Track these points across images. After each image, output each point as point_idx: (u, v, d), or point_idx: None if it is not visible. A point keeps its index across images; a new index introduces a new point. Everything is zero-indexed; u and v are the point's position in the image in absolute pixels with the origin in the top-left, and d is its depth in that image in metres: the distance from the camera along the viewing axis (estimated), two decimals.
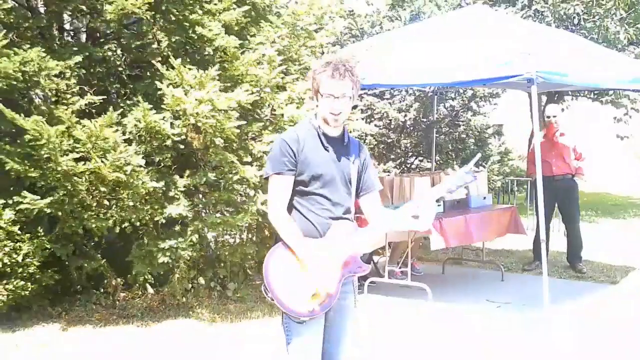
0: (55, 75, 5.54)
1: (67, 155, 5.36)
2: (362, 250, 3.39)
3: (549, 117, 8.41)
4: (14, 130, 5.51)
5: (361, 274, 3.45)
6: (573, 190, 8.36)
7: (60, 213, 5.57)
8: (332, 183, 3.30)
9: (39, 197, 5.40)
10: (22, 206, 5.36)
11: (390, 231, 6.02)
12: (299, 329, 3.22)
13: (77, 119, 5.53)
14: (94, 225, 5.64)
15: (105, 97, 5.95)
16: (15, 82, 5.32)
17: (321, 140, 3.30)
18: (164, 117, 5.70)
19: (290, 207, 3.30)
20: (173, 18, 6.08)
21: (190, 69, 5.80)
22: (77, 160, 5.41)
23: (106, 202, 5.69)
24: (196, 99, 5.56)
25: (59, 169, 5.33)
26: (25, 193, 5.37)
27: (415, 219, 3.33)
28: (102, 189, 5.56)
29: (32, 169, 5.35)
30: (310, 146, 3.27)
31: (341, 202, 3.33)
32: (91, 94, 5.79)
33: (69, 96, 5.70)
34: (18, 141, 5.44)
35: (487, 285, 7.70)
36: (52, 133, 5.25)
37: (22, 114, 5.31)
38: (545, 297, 6.29)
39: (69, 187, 5.46)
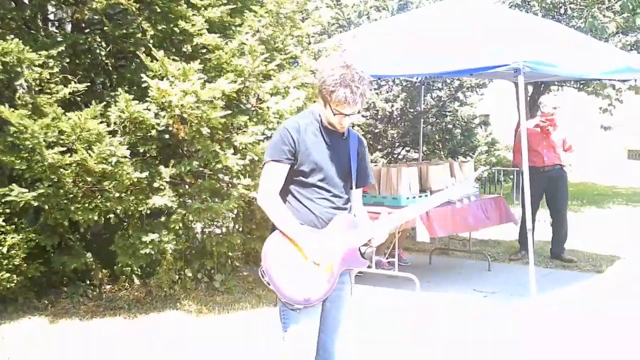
0: (39, 65, 5.48)
1: (52, 148, 5.32)
2: (360, 243, 3.39)
3: (555, 108, 8.38)
4: None
5: (360, 268, 3.46)
6: (563, 180, 8.38)
7: (46, 205, 5.53)
8: (331, 175, 3.31)
9: (26, 190, 5.35)
10: (8, 198, 5.31)
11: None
12: (296, 317, 3.23)
13: (63, 111, 5.48)
14: (80, 217, 5.60)
15: (89, 84, 5.89)
16: None
17: (322, 133, 3.31)
18: (147, 108, 5.66)
19: (288, 196, 3.31)
20: (158, 10, 6.03)
21: (174, 59, 5.76)
22: (63, 152, 5.36)
23: (91, 193, 5.65)
24: (181, 91, 5.53)
25: (45, 162, 5.29)
26: (13, 186, 5.34)
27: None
28: (89, 179, 5.53)
29: (18, 161, 5.31)
30: (311, 137, 3.27)
31: (340, 194, 3.35)
32: (75, 82, 5.73)
33: (52, 85, 5.65)
34: (3, 130, 5.38)
35: (474, 275, 7.74)
36: (37, 128, 5.20)
37: (7, 104, 5.26)
38: (532, 286, 6.34)
39: (55, 179, 5.42)
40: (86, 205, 5.62)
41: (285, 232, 3.22)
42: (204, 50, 6.25)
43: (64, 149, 5.38)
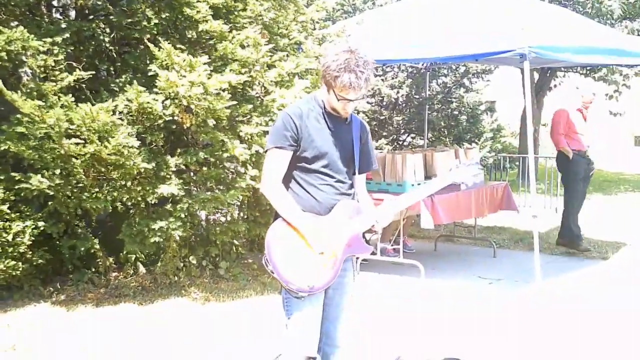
0: (43, 52, 5.48)
1: (68, 138, 5.33)
2: (364, 229, 3.39)
3: (594, 94, 8.35)
4: (2, 108, 5.45)
5: (364, 254, 3.45)
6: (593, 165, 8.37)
7: (58, 194, 5.54)
8: (335, 161, 3.29)
9: (45, 179, 5.36)
10: (22, 185, 5.34)
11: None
12: (299, 304, 3.23)
13: (74, 99, 5.48)
14: (90, 206, 5.62)
15: (94, 72, 5.89)
16: (0, 62, 5.28)
17: (325, 119, 3.29)
18: (155, 98, 5.66)
19: (291, 182, 3.29)
20: None
21: (180, 48, 5.75)
22: (77, 143, 5.38)
23: (99, 182, 5.66)
24: (189, 82, 5.53)
25: (59, 151, 5.31)
26: (31, 175, 5.36)
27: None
28: (100, 168, 5.54)
29: (29, 151, 5.31)
30: (313, 123, 3.26)
31: (344, 179, 3.33)
32: (80, 70, 5.72)
33: (57, 73, 5.64)
34: (9, 120, 5.38)
35: (479, 261, 7.73)
36: (51, 118, 5.20)
37: (18, 92, 5.27)
38: (537, 273, 6.33)
39: (68, 168, 5.44)
40: (95, 194, 5.64)
41: (289, 220, 3.21)
42: (208, 37, 6.23)
43: (80, 140, 5.39)
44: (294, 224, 3.20)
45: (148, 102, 5.62)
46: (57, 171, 5.44)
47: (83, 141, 5.40)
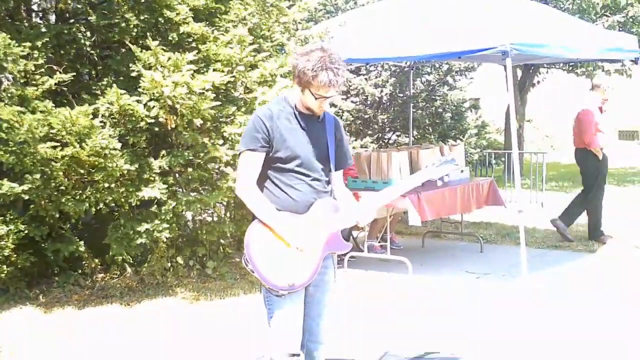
0: (23, 57, 5.45)
1: (44, 142, 5.31)
2: (342, 227, 3.39)
3: (609, 87, 8.41)
4: None
5: (343, 252, 3.46)
6: None
7: (36, 198, 5.52)
8: (309, 160, 3.28)
9: (16, 185, 5.34)
10: None
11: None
12: (280, 303, 3.23)
13: (53, 105, 5.46)
14: (70, 208, 5.60)
15: (75, 75, 5.87)
16: None
17: (297, 119, 3.29)
18: (138, 100, 5.65)
19: (266, 182, 3.29)
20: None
21: (163, 49, 5.74)
22: (54, 146, 5.36)
23: (81, 184, 5.64)
24: (173, 82, 5.52)
25: (37, 156, 5.29)
26: (3, 181, 5.34)
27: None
28: (80, 170, 5.52)
29: (7, 155, 5.29)
30: (285, 124, 3.25)
31: (320, 177, 3.32)
32: (61, 73, 5.70)
33: (37, 77, 5.62)
34: None
35: (467, 257, 7.76)
36: (28, 123, 5.19)
37: None
38: (523, 267, 6.36)
39: (47, 172, 5.42)
40: (76, 196, 5.63)
41: (265, 222, 3.20)
42: (190, 39, 6.23)
43: (57, 143, 5.36)
44: (270, 225, 3.20)
45: (129, 105, 5.62)
46: (37, 175, 5.42)
47: (60, 144, 5.37)
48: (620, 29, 13.00)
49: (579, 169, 8.51)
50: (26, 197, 5.47)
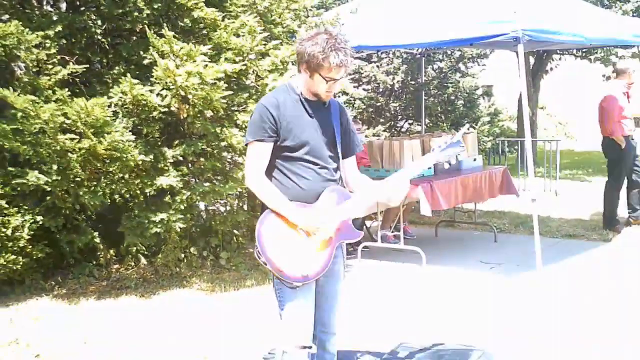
0: (35, 46, 5.44)
1: (63, 133, 5.30)
2: (354, 215, 3.36)
3: (634, 71, 8.31)
4: None
5: (354, 240, 3.43)
6: None
7: (55, 189, 5.52)
8: (317, 147, 3.25)
9: (41, 175, 5.34)
10: (19, 180, 5.32)
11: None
12: (291, 295, 3.20)
13: (69, 93, 5.45)
14: (87, 200, 5.60)
15: (87, 66, 5.85)
16: None
17: (304, 106, 3.25)
18: (151, 90, 5.63)
19: (275, 171, 3.25)
20: None
21: (176, 37, 5.71)
22: (72, 138, 5.35)
23: (97, 176, 5.65)
24: (185, 72, 5.50)
25: (55, 147, 5.29)
26: (28, 170, 5.34)
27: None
28: (96, 163, 5.52)
29: (24, 146, 5.29)
30: (291, 111, 3.21)
31: (327, 165, 3.29)
32: (73, 63, 5.69)
33: (50, 66, 5.61)
34: (4, 115, 5.35)
35: (480, 246, 7.73)
36: (44, 113, 5.17)
37: (10, 87, 5.25)
38: (537, 257, 6.32)
39: (64, 163, 5.42)
40: (92, 188, 5.62)
41: (277, 211, 3.17)
42: (202, 26, 6.19)
43: (75, 136, 5.36)
44: (282, 213, 3.17)
45: (142, 94, 5.60)
46: (54, 166, 5.42)
47: (78, 136, 5.37)
48: (634, 16, 12.86)
49: (593, 157, 8.43)
50: (48, 189, 5.46)
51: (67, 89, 5.49)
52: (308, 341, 3.27)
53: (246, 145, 3.27)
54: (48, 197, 5.60)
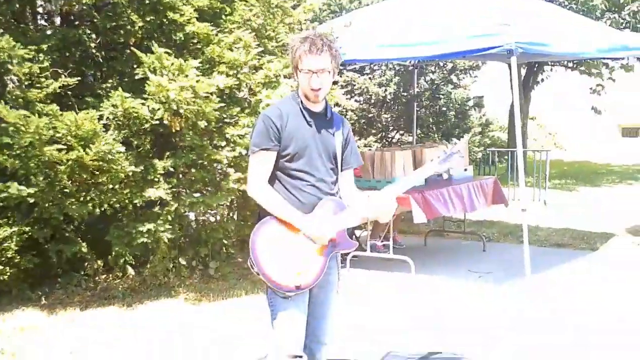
0: (28, 60, 5.47)
1: (50, 145, 5.33)
2: (349, 226, 3.38)
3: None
4: None
5: (349, 251, 3.44)
6: None
7: (42, 201, 5.54)
8: (316, 159, 3.27)
9: (24, 187, 5.35)
10: (3, 195, 5.32)
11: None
12: (284, 304, 3.22)
13: (58, 108, 5.47)
14: (74, 211, 5.62)
15: (80, 78, 5.89)
16: None
17: (304, 116, 3.27)
18: (143, 103, 5.67)
19: (275, 184, 3.27)
20: (147, 1, 6.04)
21: (167, 52, 5.76)
22: (59, 150, 5.38)
23: (86, 186, 5.66)
24: (179, 86, 5.54)
25: (43, 158, 5.31)
26: (10, 184, 5.34)
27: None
28: (84, 175, 5.54)
29: (11, 159, 5.30)
30: (293, 122, 3.24)
31: (325, 178, 3.31)
32: (66, 76, 5.72)
33: (42, 80, 5.64)
34: None
35: (469, 255, 7.77)
36: (34, 127, 5.20)
37: (2, 101, 5.27)
38: (526, 266, 6.36)
39: (52, 175, 5.44)
40: (80, 199, 5.64)
41: (284, 218, 3.19)
42: (195, 40, 6.25)
43: (62, 147, 5.38)
44: (289, 221, 3.18)
45: (134, 107, 5.64)
46: (41, 178, 5.44)
47: (66, 147, 5.39)
48: (625, 27, 12.98)
49: (582, 166, 8.49)
50: (32, 200, 5.47)
51: (57, 104, 5.51)
52: (299, 350, 3.27)
53: (250, 155, 3.28)
54: (36, 209, 5.61)
